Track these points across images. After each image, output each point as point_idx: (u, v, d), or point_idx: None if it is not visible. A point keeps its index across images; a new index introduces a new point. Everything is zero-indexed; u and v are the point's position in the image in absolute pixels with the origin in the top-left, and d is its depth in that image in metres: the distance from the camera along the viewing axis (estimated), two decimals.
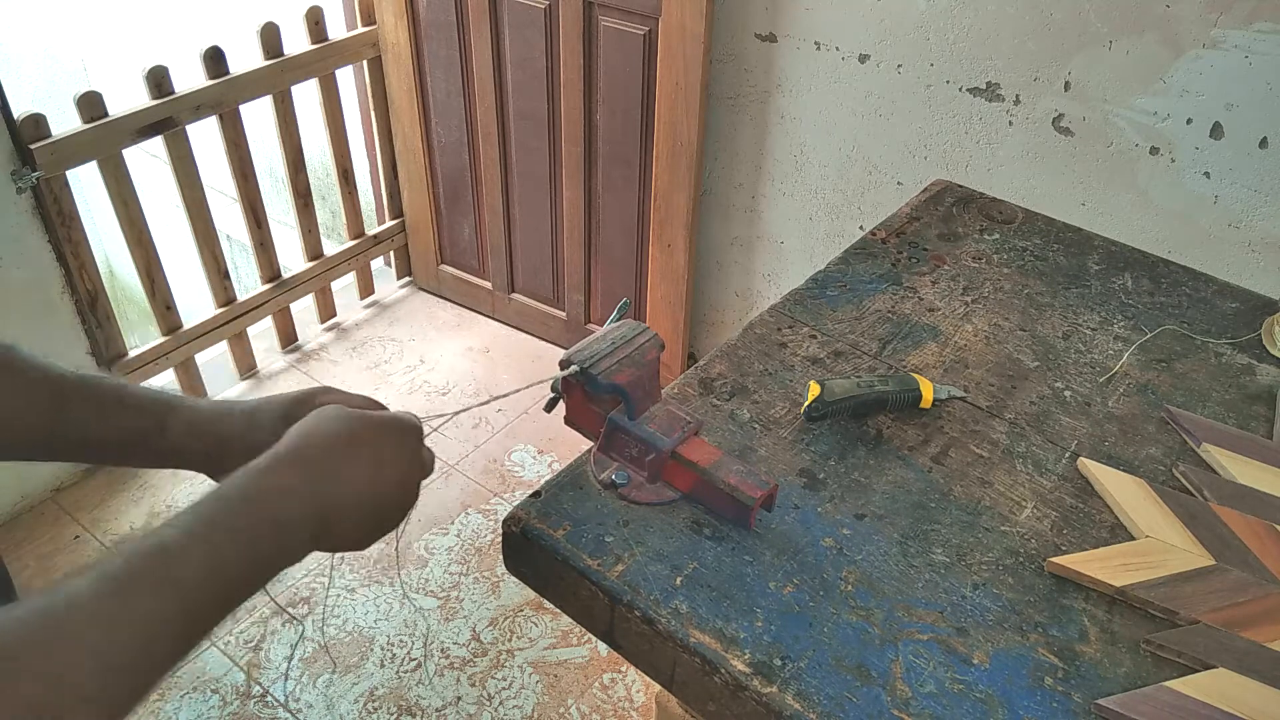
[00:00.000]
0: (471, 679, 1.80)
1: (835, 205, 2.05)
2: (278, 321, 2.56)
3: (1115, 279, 1.18)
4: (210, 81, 2.14)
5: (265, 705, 1.74)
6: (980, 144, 1.80)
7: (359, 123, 2.73)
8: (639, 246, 2.34)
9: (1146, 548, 0.81)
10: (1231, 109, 1.53)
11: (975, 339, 1.06)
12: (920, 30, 1.76)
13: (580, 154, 2.29)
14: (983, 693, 0.69)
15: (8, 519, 2.06)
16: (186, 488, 2.16)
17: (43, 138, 1.88)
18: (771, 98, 2.01)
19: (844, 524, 0.82)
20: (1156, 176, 1.65)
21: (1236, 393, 1.01)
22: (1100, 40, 1.59)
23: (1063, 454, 0.91)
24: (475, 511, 2.14)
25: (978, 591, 0.77)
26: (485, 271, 2.71)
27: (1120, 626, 0.75)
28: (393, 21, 2.39)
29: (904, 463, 0.89)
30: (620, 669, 1.82)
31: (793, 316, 1.08)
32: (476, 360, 2.59)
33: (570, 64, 2.17)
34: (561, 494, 0.84)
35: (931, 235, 1.25)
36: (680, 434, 0.79)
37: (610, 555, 0.78)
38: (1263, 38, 1.45)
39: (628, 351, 0.79)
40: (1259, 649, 0.72)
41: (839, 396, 0.91)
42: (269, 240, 2.45)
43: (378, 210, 2.89)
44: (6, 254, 1.89)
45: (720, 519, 0.81)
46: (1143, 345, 1.07)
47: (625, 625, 0.76)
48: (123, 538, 2.04)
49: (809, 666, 0.70)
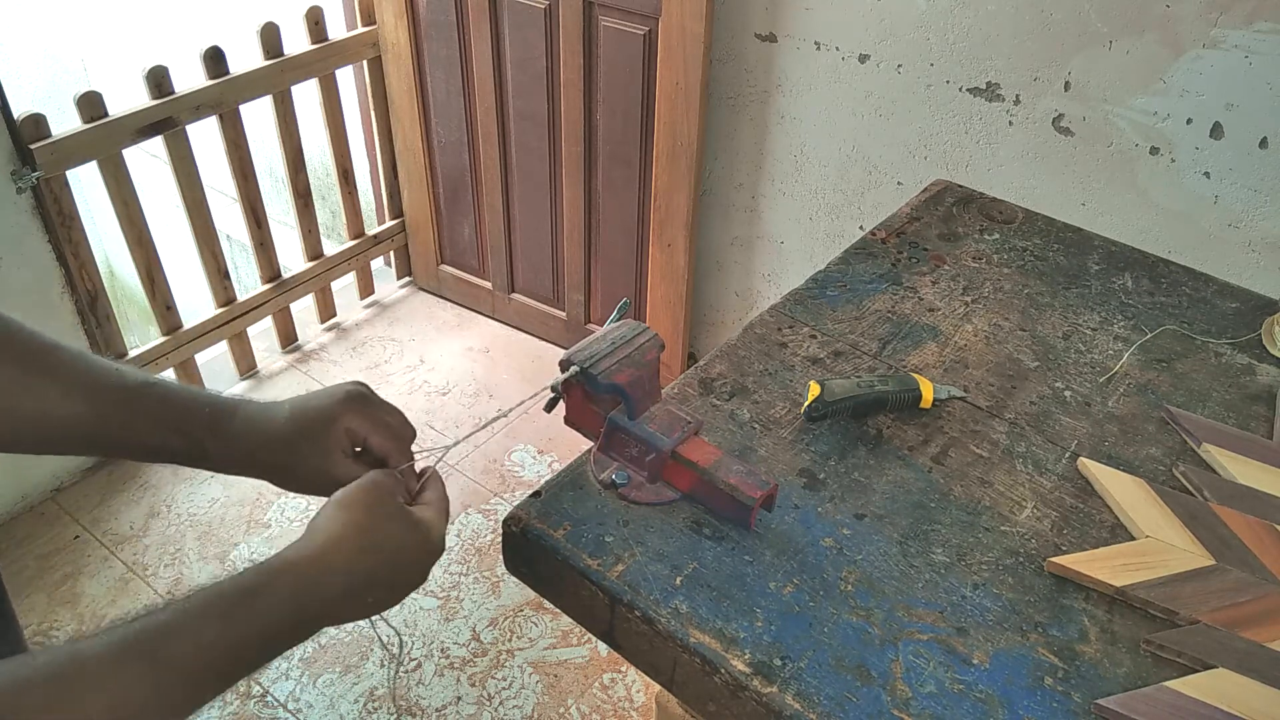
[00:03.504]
0: (471, 679, 1.80)
1: (835, 205, 2.05)
2: (278, 321, 2.56)
3: (1115, 279, 1.18)
4: (210, 81, 2.14)
5: (265, 705, 1.74)
6: (980, 144, 1.80)
7: (359, 123, 2.73)
8: (639, 246, 2.34)
9: (1146, 548, 0.81)
10: (1231, 109, 1.53)
11: (975, 339, 1.06)
12: (920, 30, 1.76)
13: (580, 154, 2.29)
14: (983, 693, 0.69)
15: (8, 519, 2.06)
16: (187, 488, 2.16)
17: (43, 138, 1.88)
18: (771, 98, 2.01)
19: (844, 524, 0.82)
20: (1156, 176, 1.65)
21: (1236, 393, 1.01)
22: (1100, 40, 1.59)
23: (1063, 454, 0.91)
24: (475, 511, 2.14)
25: (978, 591, 0.77)
26: (485, 271, 2.71)
27: (1120, 626, 0.75)
28: (393, 21, 2.39)
29: (904, 463, 0.89)
30: (620, 669, 1.82)
31: (793, 316, 1.08)
32: (476, 360, 2.59)
33: (570, 64, 2.17)
34: (561, 494, 0.84)
35: (931, 235, 1.25)
36: (680, 434, 0.79)
37: (610, 555, 0.78)
38: (1263, 38, 1.45)
39: (628, 351, 0.79)
40: (1259, 649, 0.72)
41: (839, 396, 0.91)
42: (269, 240, 2.45)
43: (378, 210, 2.89)
44: (6, 254, 1.89)
45: (720, 519, 0.81)
46: (1143, 345, 1.07)
47: (625, 625, 0.76)
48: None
49: (809, 666, 0.70)
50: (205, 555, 2.01)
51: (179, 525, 2.08)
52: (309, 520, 0.65)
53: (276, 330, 2.58)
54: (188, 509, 2.11)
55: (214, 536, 2.05)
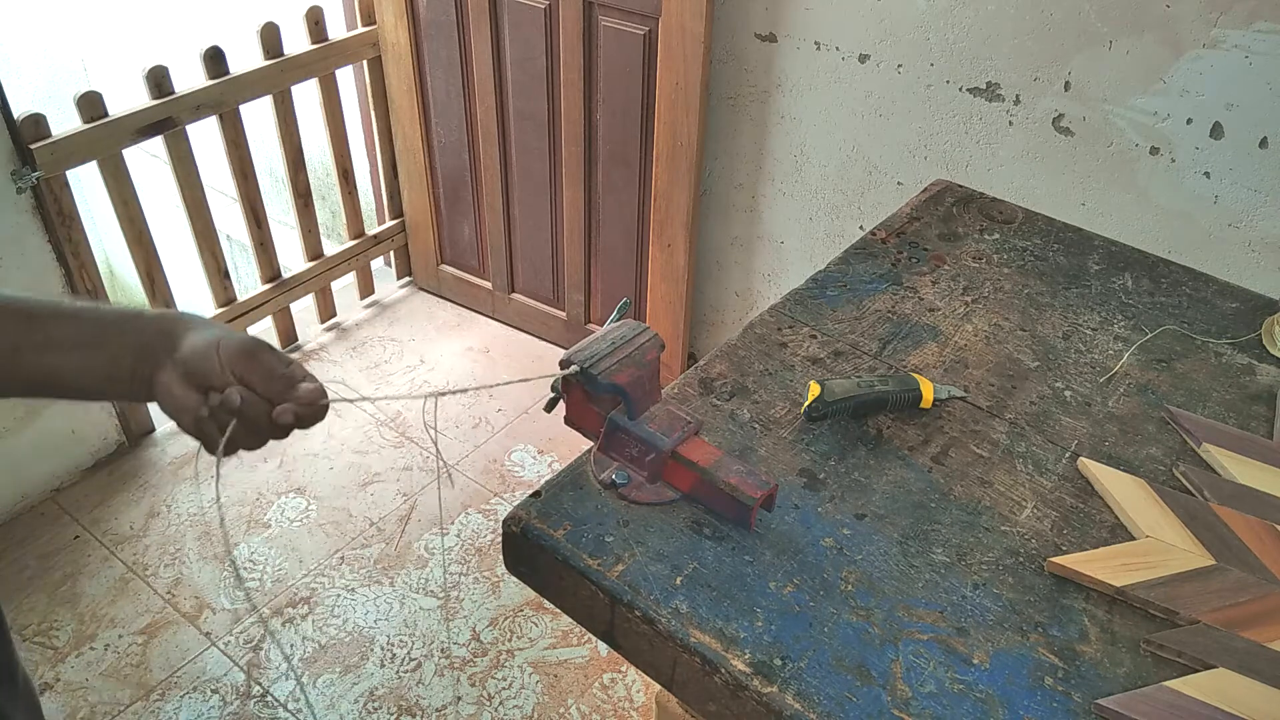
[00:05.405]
0: (471, 679, 1.80)
1: (835, 205, 2.05)
2: (278, 321, 2.56)
3: (1115, 279, 1.18)
4: (210, 81, 2.14)
5: (265, 705, 1.74)
6: (980, 144, 1.80)
7: (359, 123, 2.73)
8: (639, 246, 2.35)
9: (1146, 548, 0.81)
10: (1231, 109, 1.53)
11: (975, 339, 1.06)
12: (920, 30, 1.76)
13: (580, 154, 2.29)
14: (983, 693, 0.69)
15: (8, 519, 2.06)
16: (187, 488, 2.16)
17: (43, 138, 1.88)
18: (771, 98, 2.01)
19: (844, 524, 0.82)
20: (1156, 176, 1.65)
21: (1236, 393, 1.01)
22: (1100, 40, 1.59)
23: (1063, 454, 0.91)
24: (475, 511, 2.14)
25: (978, 591, 0.77)
26: (485, 271, 2.71)
27: (1120, 626, 0.75)
28: (393, 21, 2.39)
29: (904, 463, 0.89)
30: (620, 669, 1.82)
31: (793, 316, 1.08)
32: (476, 360, 2.59)
33: (570, 64, 2.17)
34: (561, 494, 0.84)
35: (931, 235, 1.25)
36: (680, 434, 0.79)
37: (610, 555, 0.78)
38: (1263, 38, 1.45)
39: (628, 351, 0.79)
40: (1259, 649, 0.72)
41: (839, 396, 0.91)
42: (269, 240, 2.45)
43: (378, 210, 2.89)
44: (6, 254, 1.89)
45: (720, 519, 0.81)
46: (1143, 345, 1.07)
47: (625, 625, 0.76)
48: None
49: (809, 666, 0.70)
50: (205, 555, 2.01)
51: (179, 525, 2.08)
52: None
53: (276, 330, 2.58)
54: (188, 509, 2.11)
55: (214, 536, 2.05)
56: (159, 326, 0.67)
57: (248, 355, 0.65)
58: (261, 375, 0.66)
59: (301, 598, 1.92)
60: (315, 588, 1.95)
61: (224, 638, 1.85)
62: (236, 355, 0.65)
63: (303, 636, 1.85)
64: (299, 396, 0.66)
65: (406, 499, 2.16)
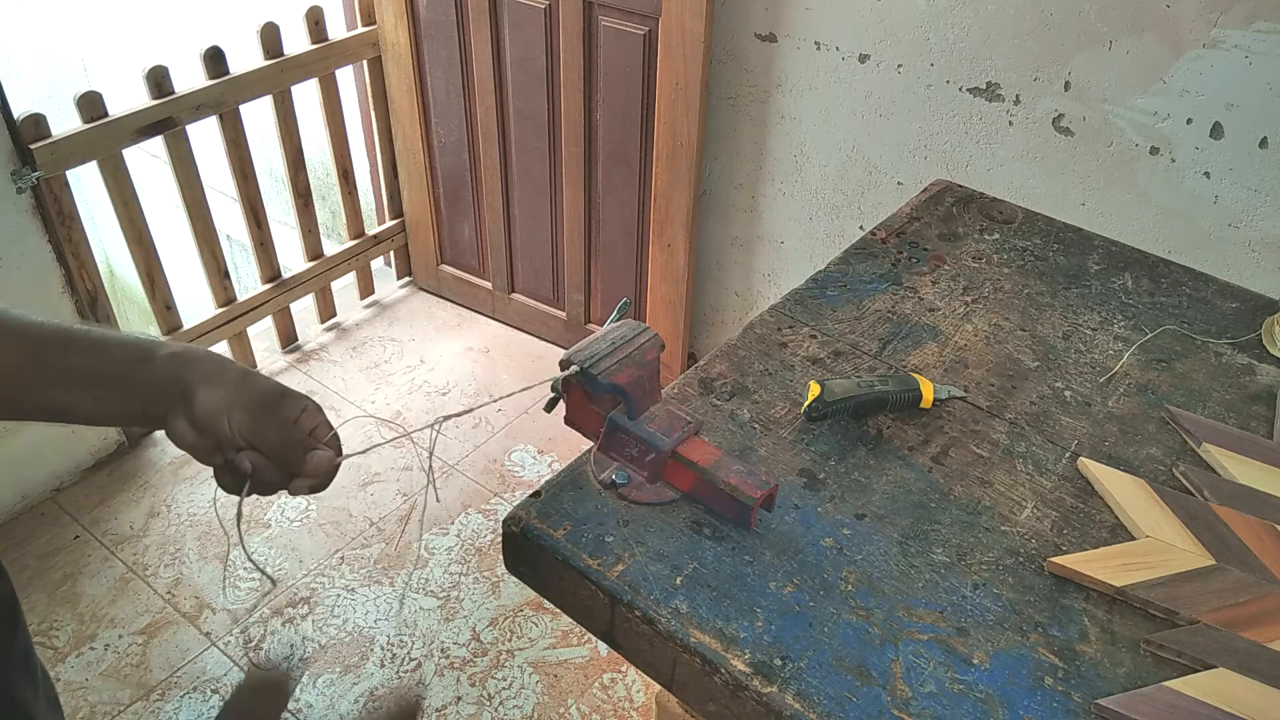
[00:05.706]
0: (471, 679, 1.80)
1: (835, 205, 2.05)
2: (278, 321, 2.56)
3: (1115, 279, 1.18)
4: (210, 81, 2.14)
5: None
6: (980, 144, 1.80)
7: (359, 123, 2.73)
8: (639, 246, 2.35)
9: (1146, 548, 0.81)
10: (1231, 109, 1.53)
11: (975, 339, 1.06)
12: (920, 30, 1.76)
13: (580, 154, 2.29)
14: (983, 693, 0.69)
15: (8, 519, 2.06)
16: (187, 488, 2.16)
17: (43, 138, 1.88)
18: (771, 98, 2.01)
19: (844, 524, 0.82)
20: (1156, 176, 1.65)
21: (1236, 393, 1.01)
22: (1100, 40, 1.59)
23: (1063, 454, 0.91)
24: (475, 511, 2.14)
25: (978, 591, 0.77)
26: (485, 271, 2.71)
27: (1120, 626, 0.75)
28: (393, 21, 2.39)
29: (904, 463, 0.89)
30: (620, 669, 1.82)
31: (793, 316, 1.08)
32: (476, 360, 2.59)
33: (570, 64, 2.17)
34: (561, 494, 0.84)
35: (931, 235, 1.25)
36: (680, 434, 0.79)
37: (610, 555, 0.78)
38: (1263, 38, 1.45)
39: (628, 351, 0.79)
40: (1259, 649, 0.72)
41: (839, 396, 0.91)
42: (269, 240, 2.45)
43: (378, 210, 2.89)
44: (6, 254, 1.89)
45: (720, 519, 0.81)
46: (1143, 345, 1.07)
47: (625, 625, 0.76)
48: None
49: (809, 666, 0.70)
50: (205, 555, 2.01)
51: (179, 525, 2.08)
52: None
53: (276, 330, 2.58)
54: (188, 509, 2.11)
55: (214, 536, 2.05)
56: (172, 372, 0.66)
57: (257, 426, 0.65)
58: (272, 445, 0.66)
59: (301, 598, 1.92)
60: (315, 588, 1.95)
61: (224, 638, 1.85)
62: (247, 426, 0.65)
63: (303, 636, 1.85)
64: (309, 470, 0.67)
65: (406, 499, 2.16)
